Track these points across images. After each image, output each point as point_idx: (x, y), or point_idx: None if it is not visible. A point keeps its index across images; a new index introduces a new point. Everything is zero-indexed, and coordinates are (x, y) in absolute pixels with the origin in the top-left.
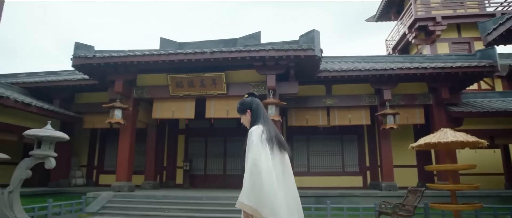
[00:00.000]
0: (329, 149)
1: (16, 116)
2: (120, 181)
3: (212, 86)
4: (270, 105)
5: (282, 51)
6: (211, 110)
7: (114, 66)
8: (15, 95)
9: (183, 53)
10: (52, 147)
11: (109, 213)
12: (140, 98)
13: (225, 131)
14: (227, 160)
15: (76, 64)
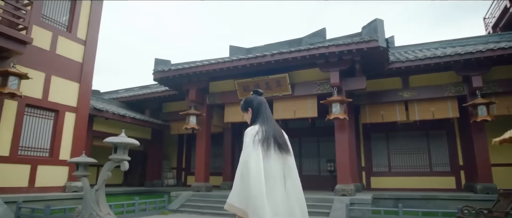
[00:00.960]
0: (412, 147)
1: (115, 126)
2: (199, 182)
3: (277, 87)
4: (334, 103)
5: (343, 46)
6: (278, 111)
7: (187, 77)
8: (113, 108)
9: (245, 58)
10: (126, 151)
11: (187, 210)
12: (213, 104)
13: (299, 132)
14: (302, 161)
15: (157, 78)
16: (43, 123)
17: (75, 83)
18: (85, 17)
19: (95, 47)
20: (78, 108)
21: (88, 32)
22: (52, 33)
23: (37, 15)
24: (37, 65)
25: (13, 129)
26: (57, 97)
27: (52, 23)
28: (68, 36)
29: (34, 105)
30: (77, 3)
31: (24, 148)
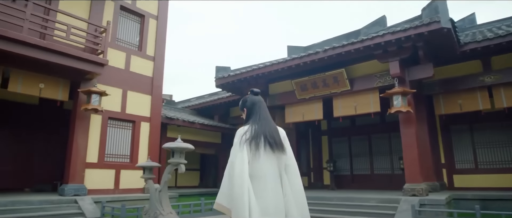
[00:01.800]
0: (503, 140)
1: (186, 132)
2: None
3: (335, 84)
4: (394, 96)
5: (400, 33)
6: (338, 108)
7: (245, 81)
8: (184, 116)
9: (298, 57)
10: (183, 155)
11: None
12: (273, 105)
13: (369, 128)
14: (373, 159)
15: (218, 84)
16: (123, 133)
17: (148, 96)
18: (152, 36)
19: (162, 61)
20: (151, 118)
21: (156, 49)
22: (126, 54)
23: (113, 39)
24: (115, 83)
25: (99, 139)
26: (133, 109)
27: (125, 44)
28: (139, 54)
29: (114, 117)
30: (145, 25)
31: (109, 155)
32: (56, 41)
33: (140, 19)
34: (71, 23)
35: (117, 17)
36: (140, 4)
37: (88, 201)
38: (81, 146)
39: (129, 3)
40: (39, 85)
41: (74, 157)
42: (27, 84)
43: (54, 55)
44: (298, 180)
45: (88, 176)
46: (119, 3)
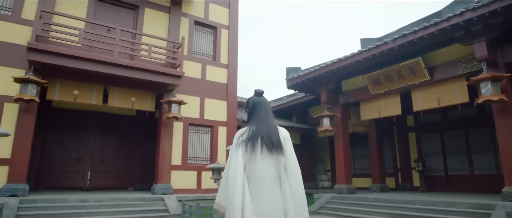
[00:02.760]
0: None
1: None
2: (340, 184)
3: (412, 75)
4: (482, 82)
5: (483, 8)
6: (418, 102)
7: (316, 79)
8: None
9: (366, 50)
10: None
11: (324, 212)
12: (347, 103)
13: (464, 122)
14: (472, 157)
15: (289, 85)
16: (203, 137)
17: (223, 101)
18: (225, 45)
19: (235, 68)
20: (228, 122)
21: (229, 57)
22: (201, 64)
23: (190, 52)
24: (193, 92)
25: (181, 143)
26: (211, 115)
27: (200, 56)
28: (213, 63)
29: (194, 123)
30: (217, 35)
31: (191, 158)
32: (141, 60)
33: (212, 30)
34: (154, 42)
35: (192, 32)
36: (212, 16)
37: (172, 199)
38: (166, 150)
39: (201, 17)
40: (131, 98)
41: (161, 160)
42: (122, 99)
43: (140, 72)
44: (298, 181)
45: (174, 177)
46: (193, 18)
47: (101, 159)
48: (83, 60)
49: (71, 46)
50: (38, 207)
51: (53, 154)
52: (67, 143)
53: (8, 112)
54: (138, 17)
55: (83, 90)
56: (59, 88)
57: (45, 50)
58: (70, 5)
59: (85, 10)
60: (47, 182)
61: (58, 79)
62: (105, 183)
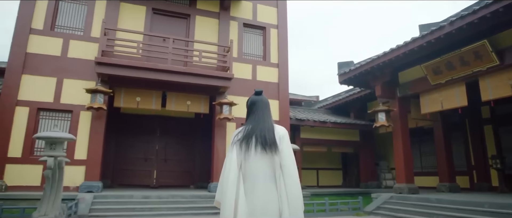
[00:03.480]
0: None
1: (319, 132)
2: (400, 182)
3: (477, 60)
4: None
5: None
6: (487, 90)
7: (369, 72)
8: (316, 116)
9: (420, 37)
10: None
11: (381, 213)
12: (404, 96)
13: None
14: None
15: (341, 81)
16: None
17: (275, 101)
18: (274, 44)
19: (286, 67)
20: (280, 121)
21: (279, 56)
22: (252, 65)
23: (240, 54)
24: (244, 92)
25: None
26: None
27: (250, 57)
28: (263, 63)
29: None
30: (266, 35)
31: None
32: (194, 66)
33: (261, 31)
34: (204, 47)
35: (241, 34)
36: (260, 17)
37: None
38: (220, 150)
39: (250, 19)
40: (186, 102)
41: (216, 160)
42: (178, 102)
43: (192, 77)
44: (293, 181)
45: None
46: (241, 21)
47: (165, 160)
48: (142, 69)
49: (132, 57)
50: (108, 202)
51: (124, 155)
52: (136, 145)
53: (83, 119)
54: (190, 25)
55: (144, 97)
56: (123, 96)
57: (109, 63)
58: (130, 20)
59: (143, 22)
60: (120, 180)
61: (123, 88)
62: (169, 182)
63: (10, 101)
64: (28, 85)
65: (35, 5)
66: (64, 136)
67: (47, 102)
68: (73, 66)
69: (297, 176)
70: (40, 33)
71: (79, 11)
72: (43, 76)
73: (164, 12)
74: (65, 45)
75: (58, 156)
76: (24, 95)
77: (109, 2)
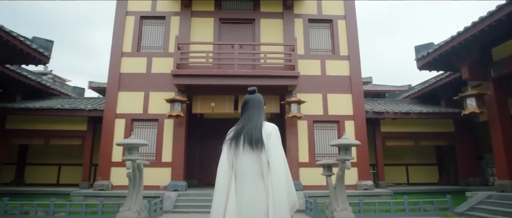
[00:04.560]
0: None
1: (402, 124)
2: (502, 179)
3: None
4: None
5: None
6: None
7: (453, 52)
8: (397, 107)
9: (507, 3)
10: (348, 152)
11: (474, 215)
12: (501, 76)
13: None
14: None
15: (420, 66)
16: (329, 133)
17: (347, 95)
18: (343, 36)
19: (358, 59)
20: (355, 116)
21: (349, 48)
22: (320, 60)
23: (307, 51)
24: (314, 89)
25: (307, 141)
26: (335, 110)
27: (318, 52)
28: (332, 57)
29: (319, 120)
30: (334, 28)
31: (318, 155)
32: (262, 68)
33: (328, 24)
34: (270, 48)
35: (307, 30)
36: (326, 10)
37: (299, 195)
38: (293, 148)
39: (315, 14)
40: None
41: (289, 158)
42: None
43: (259, 79)
44: (277, 178)
45: (303, 174)
46: (306, 17)
47: None
48: (212, 77)
49: (203, 66)
50: (190, 199)
51: (209, 157)
52: (218, 147)
53: (167, 126)
54: (255, 28)
55: (218, 102)
56: (200, 103)
57: (183, 74)
58: (201, 32)
59: (212, 33)
60: (206, 179)
61: (199, 95)
62: None
63: (111, 115)
64: (123, 100)
65: (124, 33)
66: (138, 142)
67: (138, 113)
68: (156, 80)
69: (283, 173)
70: (129, 55)
71: (158, 31)
72: (134, 91)
73: (231, 20)
74: (148, 62)
75: (135, 159)
76: (121, 108)
77: (182, 19)
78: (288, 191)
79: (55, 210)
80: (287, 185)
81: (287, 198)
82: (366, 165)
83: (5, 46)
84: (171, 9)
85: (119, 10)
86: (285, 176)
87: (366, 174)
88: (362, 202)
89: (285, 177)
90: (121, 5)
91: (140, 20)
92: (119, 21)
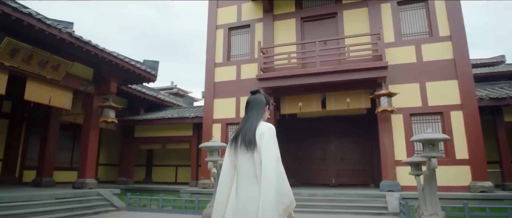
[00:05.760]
0: None
1: None
2: None
3: None
4: None
5: None
6: None
7: None
8: None
9: None
10: (434, 148)
11: None
12: None
13: None
14: None
15: None
16: (431, 127)
17: (452, 81)
18: (442, 14)
19: (463, 37)
20: (463, 105)
21: (450, 26)
22: (414, 45)
23: (398, 37)
24: (409, 78)
25: (404, 136)
26: (437, 100)
27: (412, 37)
28: (430, 40)
29: (416, 112)
30: (430, 7)
31: (418, 152)
32: (348, 62)
33: (422, 3)
34: (356, 40)
35: (396, 14)
36: None
37: (395, 196)
38: (387, 145)
39: None
40: (346, 100)
41: (384, 156)
42: (338, 101)
43: (344, 74)
44: (266, 178)
45: (401, 173)
46: (394, 0)
47: (341, 159)
48: (295, 77)
49: (288, 67)
50: None
51: (305, 156)
52: (314, 146)
53: None
54: (339, 22)
55: (304, 101)
56: (287, 104)
57: (267, 77)
58: (284, 33)
59: (294, 33)
60: (303, 179)
61: (286, 97)
62: (348, 180)
63: (209, 120)
64: (218, 107)
65: (216, 45)
66: (218, 144)
67: (231, 118)
68: (246, 86)
69: (272, 172)
70: (221, 65)
71: (244, 40)
72: (226, 98)
73: (312, 18)
74: (238, 70)
75: (216, 160)
76: (217, 114)
77: (265, 25)
78: (277, 191)
79: (163, 204)
80: (277, 185)
81: (275, 198)
82: (483, 163)
83: (124, 70)
84: (254, 17)
85: (210, 25)
86: (274, 175)
87: (483, 173)
88: (467, 206)
89: (274, 177)
90: (211, 21)
91: (229, 31)
92: (211, 35)
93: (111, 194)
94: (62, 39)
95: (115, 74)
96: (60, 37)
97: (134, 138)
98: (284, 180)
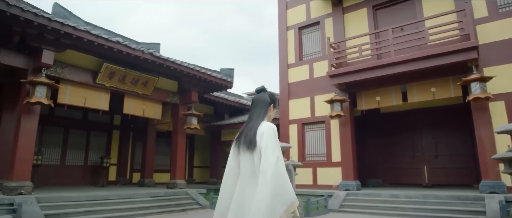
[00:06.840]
0: None
1: None
2: None
3: None
4: None
5: None
6: None
7: None
8: None
9: None
10: None
11: None
12: None
13: None
14: None
15: None
16: None
17: None
18: None
19: None
20: None
21: None
22: None
23: (492, 10)
24: (508, 58)
25: None
26: None
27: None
28: None
29: None
30: None
31: None
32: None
33: None
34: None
35: None
36: None
37: (497, 199)
38: (485, 139)
39: None
40: (431, 89)
41: (481, 152)
42: (421, 92)
43: (422, 62)
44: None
45: None
46: None
47: (435, 156)
48: (370, 69)
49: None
50: (358, 199)
51: (392, 154)
52: (402, 143)
53: (333, 127)
54: (416, 4)
55: (382, 95)
56: (364, 99)
57: (338, 73)
58: (356, 25)
59: (367, 23)
60: (391, 179)
61: (362, 91)
62: (444, 180)
63: (285, 121)
64: (294, 107)
65: (287, 46)
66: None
67: (307, 117)
68: (319, 84)
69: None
70: (294, 65)
71: (315, 37)
72: (301, 98)
73: (385, 4)
74: (310, 68)
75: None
76: (293, 115)
77: (334, 19)
78: (276, 192)
79: None
80: (275, 185)
81: (271, 199)
82: None
83: (202, 81)
84: (323, 13)
85: (280, 27)
86: (272, 176)
87: None
88: None
89: (271, 177)
90: (282, 23)
91: (299, 31)
92: (282, 37)
93: (198, 193)
94: (146, 59)
95: (195, 85)
96: (144, 58)
97: (221, 142)
98: (284, 180)
